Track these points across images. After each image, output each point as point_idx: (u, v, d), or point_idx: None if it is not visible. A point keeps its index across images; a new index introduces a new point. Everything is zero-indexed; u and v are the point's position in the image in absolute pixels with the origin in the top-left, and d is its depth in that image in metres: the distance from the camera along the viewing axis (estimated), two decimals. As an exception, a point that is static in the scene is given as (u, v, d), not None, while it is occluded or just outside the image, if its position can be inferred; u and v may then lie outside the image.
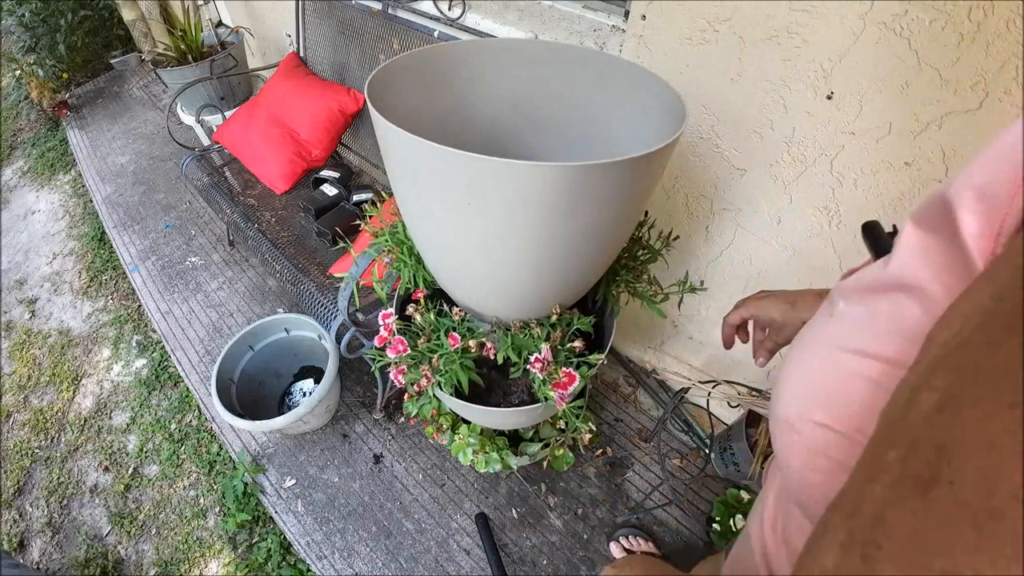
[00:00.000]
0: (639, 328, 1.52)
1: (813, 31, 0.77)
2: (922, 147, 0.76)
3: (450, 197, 0.55)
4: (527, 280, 0.67)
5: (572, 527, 1.34)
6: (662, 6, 0.92)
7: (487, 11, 1.31)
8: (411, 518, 1.38)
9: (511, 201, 0.53)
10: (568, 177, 0.50)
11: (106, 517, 1.52)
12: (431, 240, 0.69)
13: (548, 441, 1.27)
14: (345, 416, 1.60)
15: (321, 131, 1.68)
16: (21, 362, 1.97)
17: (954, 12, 0.65)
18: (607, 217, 0.58)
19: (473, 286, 0.74)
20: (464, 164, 0.50)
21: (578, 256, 0.64)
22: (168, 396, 1.76)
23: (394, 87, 0.69)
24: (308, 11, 1.81)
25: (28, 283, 2.27)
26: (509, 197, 0.52)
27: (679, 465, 1.44)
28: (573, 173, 0.50)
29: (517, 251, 0.60)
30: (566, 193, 0.52)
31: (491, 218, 0.55)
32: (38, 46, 3.08)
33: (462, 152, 0.48)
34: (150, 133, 2.90)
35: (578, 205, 0.54)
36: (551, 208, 0.53)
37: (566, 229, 0.57)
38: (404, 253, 0.87)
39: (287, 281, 1.46)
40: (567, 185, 0.51)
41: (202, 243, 2.22)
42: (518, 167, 0.49)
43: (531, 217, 0.54)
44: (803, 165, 0.90)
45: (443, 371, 0.80)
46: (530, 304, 0.76)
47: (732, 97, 0.92)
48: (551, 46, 0.76)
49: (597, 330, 0.93)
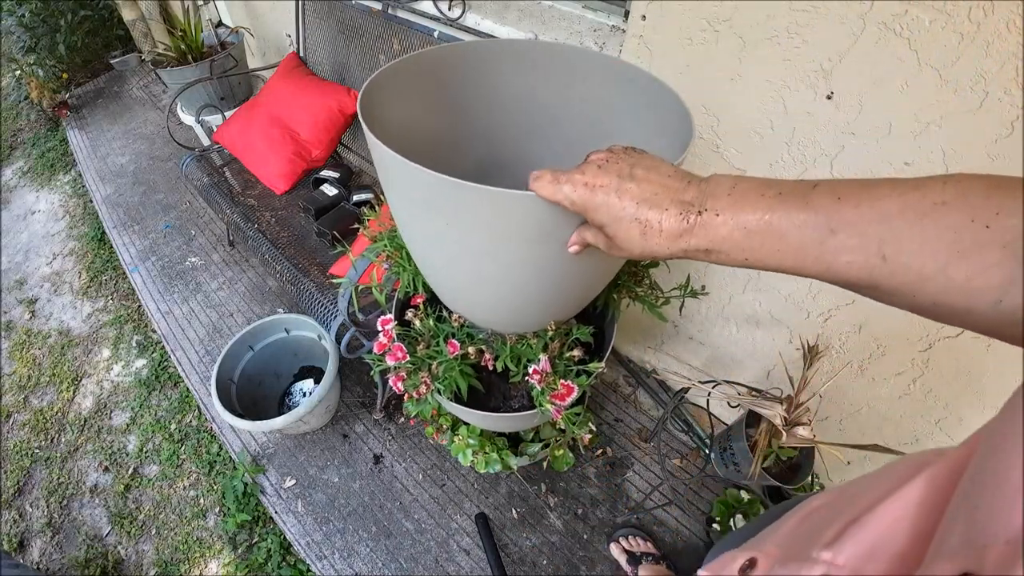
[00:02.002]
0: (639, 328, 1.52)
1: (813, 31, 0.77)
2: (922, 147, 0.76)
3: (434, 218, 0.53)
4: (518, 299, 0.65)
5: (572, 527, 1.34)
6: (662, 6, 0.92)
7: (487, 11, 1.31)
8: (411, 518, 1.38)
9: (492, 225, 0.50)
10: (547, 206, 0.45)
11: (106, 517, 1.52)
12: (420, 252, 0.67)
13: (548, 441, 1.27)
14: (345, 416, 1.60)
15: (321, 131, 1.68)
16: (21, 362, 1.97)
17: (954, 12, 0.65)
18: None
19: (463, 300, 0.73)
20: (445, 188, 0.47)
21: (570, 279, 0.61)
22: (168, 396, 1.76)
23: (391, 93, 0.68)
24: (308, 11, 1.81)
25: (28, 283, 2.27)
26: (490, 222, 0.50)
27: (679, 465, 1.44)
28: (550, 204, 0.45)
29: (504, 272, 0.58)
30: (552, 219, 0.47)
31: (475, 240, 0.53)
32: (38, 46, 3.08)
33: (443, 176, 0.46)
34: (150, 133, 2.90)
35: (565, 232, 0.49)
36: (536, 233, 0.50)
37: (555, 252, 0.53)
38: (403, 258, 0.87)
39: (287, 281, 1.46)
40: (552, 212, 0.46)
41: (202, 243, 2.22)
42: (500, 195, 0.45)
43: (516, 241, 0.51)
44: (803, 165, 0.90)
45: (442, 378, 0.80)
46: (523, 321, 0.74)
47: (732, 97, 0.92)
48: (554, 47, 0.76)
49: (596, 336, 0.93)
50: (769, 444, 0.98)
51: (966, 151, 0.72)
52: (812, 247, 0.30)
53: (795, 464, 1.03)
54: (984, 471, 0.23)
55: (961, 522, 0.22)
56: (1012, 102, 0.65)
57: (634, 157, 0.39)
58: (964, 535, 0.21)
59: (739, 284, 1.16)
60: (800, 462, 1.03)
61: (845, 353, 1.04)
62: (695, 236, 0.34)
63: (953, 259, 0.26)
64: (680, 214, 0.35)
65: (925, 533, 0.26)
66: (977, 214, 0.25)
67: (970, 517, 0.22)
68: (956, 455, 0.28)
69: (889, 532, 0.28)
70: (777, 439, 0.97)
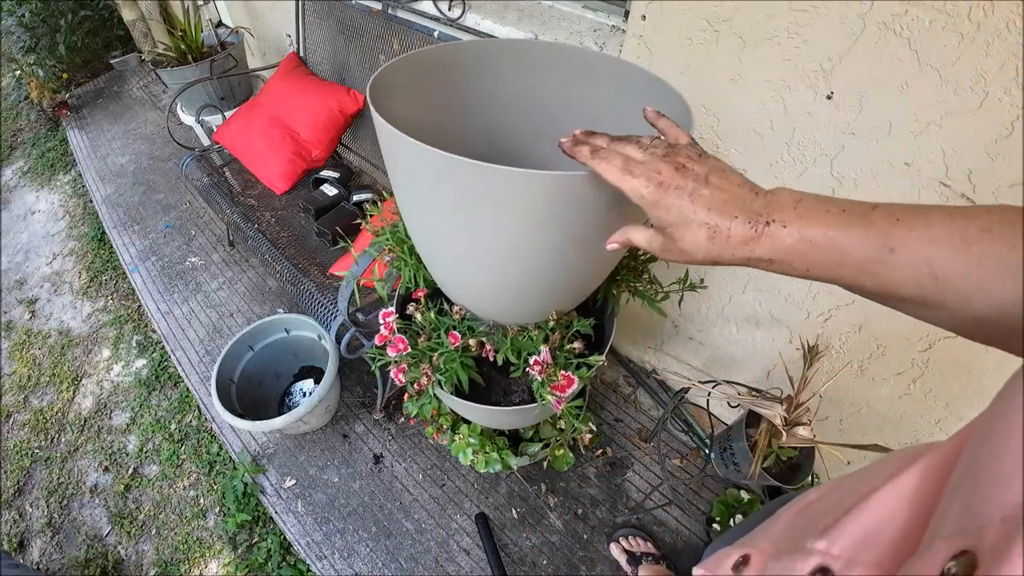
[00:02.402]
0: (639, 328, 1.52)
1: (813, 31, 0.77)
2: (922, 147, 0.76)
3: (443, 201, 0.54)
4: (520, 288, 0.66)
5: (572, 527, 1.34)
6: (662, 6, 0.92)
7: (487, 11, 1.31)
8: (411, 518, 1.38)
9: (501, 208, 0.51)
10: (559, 187, 0.48)
11: (106, 517, 1.52)
12: (425, 241, 0.68)
13: (548, 441, 1.27)
14: (345, 416, 1.60)
15: (321, 131, 1.68)
16: (21, 362, 1.97)
17: (954, 12, 0.65)
18: (604, 228, 0.57)
19: (467, 289, 0.73)
20: (455, 168, 0.48)
21: (573, 266, 0.62)
22: (168, 396, 1.76)
23: (396, 88, 0.68)
24: (308, 11, 1.81)
25: (28, 283, 2.27)
26: (499, 204, 0.51)
27: (679, 465, 1.44)
28: (566, 183, 0.47)
29: (508, 258, 0.59)
30: (557, 202, 0.49)
31: (482, 223, 0.54)
32: (38, 46, 3.08)
33: (454, 156, 0.47)
34: (150, 133, 2.90)
35: (571, 215, 0.51)
36: (541, 217, 0.51)
37: (560, 239, 0.55)
38: (405, 252, 0.87)
39: (287, 281, 1.46)
40: (558, 195, 0.48)
41: (202, 243, 2.22)
42: (508, 174, 0.46)
43: (522, 225, 0.53)
44: (803, 165, 0.90)
45: (443, 369, 0.80)
46: (525, 310, 0.75)
47: (732, 97, 0.92)
48: (554, 47, 0.76)
49: (597, 330, 0.93)
50: (769, 444, 0.98)
51: (966, 151, 0.72)
52: (871, 263, 0.33)
53: (795, 464, 1.03)
54: (978, 455, 0.23)
55: (957, 504, 0.23)
56: (1012, 102, 0.66)
57: (708, 164, 0.40)
58: (961, 516, 0.22)
59: (739, 284, 1.16)
60: (800, 462, 1.03)
61: (845, 353, 1.04)
62: (761, 245, 0.36)
63: (996, 282, 0.29)
64: (749, 223, 0.36)
65: (920, 520, 0.26)
66: (1016, 241, 0.28)
67: (966, 500, 0.22)
68: (949, 445, 0.29)
69: (884, 520, 0.28)
70: (777, 439, 0.97)
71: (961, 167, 0.74)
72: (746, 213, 0.37)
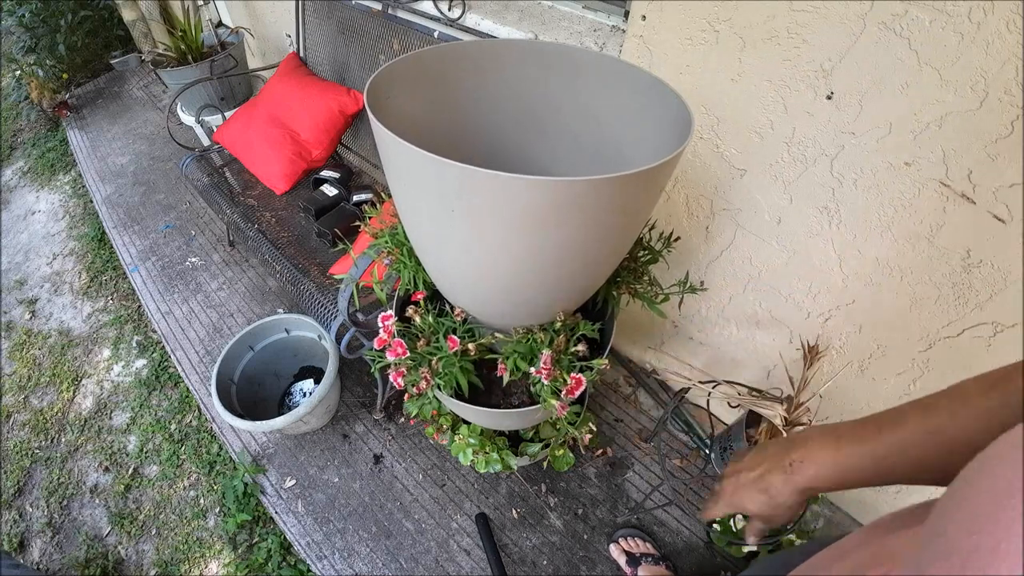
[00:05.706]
0: (639, 328, 1.52)
1: (813, 31, 0.77)
2: (922, 147, 0.76)
3: (441, 205, 0.54)
4: (520, 290, 0.66)
5: (572, 527, 1.34)
6: (662, 6, 0.92)
7: (487, 11, 1.31)
8: (411, 518, 1.38)
9: (499, 213, 0.51)
10: (557, 192, 0.48)
11: (106, 517, 1.52)
12: (424, 244, 0.68)
13: (548, 441, 1.27)
14: (345, 416, 1.60)
15: (321, 131, 1.68)
16: (21, 362, 1.97)
17: (954, 12, 0.65)
18: (602, 231, 0.57)
19: (466, 292, 0.73)
20: (452, 173, 0.49)
21: (573, 267, 0.62)
22: (168, 396, 1.76)
23: (395, 89, 0.68)
24: (308, 11, 1.81)
25: (28, 283, 2.27)
26: (498, 210, 0.51)
27: (679, 465, 1.44)
28: (565, 188, 0.47)
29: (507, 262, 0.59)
30: (555, 207, 0.50)
31: (481, 228, 0.54)
32: (38, 46, 3.07)
33: (452, 162, 0.47)
34: (150, 133, 2.90)
35: (571, 219, 0.52)
36: (539, 221, 0.51)
37: (557, 241, 0.55)
38: (404, 255, 0.87)
39: (287, 281, 1.46)
40: (556, 199, 0.49)
41: (202, 243, 2.22)
42: (508, 180, 0.47)
43: (521, 230, 0.53)
44: (803, 165, 0.90)
45: (442, 374, 0.80)
46: (522, 311, 0.75)
47: (732, 97, 0.92)
48: (554, 48, 0.76)
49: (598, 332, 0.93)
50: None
51: (966, 151, 0.72)
52: (871, 471, 0.43)
53: (795, 464, 1.03)
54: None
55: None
56: (1012, 102, 0.66)
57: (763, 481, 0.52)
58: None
59: (739, 284, 1.16)
60: (800, 462, 1.03)
61: (845, 353, 1.04)
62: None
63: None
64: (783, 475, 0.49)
65: None
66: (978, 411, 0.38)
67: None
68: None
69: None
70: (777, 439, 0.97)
71: (961, 167, 0.74)
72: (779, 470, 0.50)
